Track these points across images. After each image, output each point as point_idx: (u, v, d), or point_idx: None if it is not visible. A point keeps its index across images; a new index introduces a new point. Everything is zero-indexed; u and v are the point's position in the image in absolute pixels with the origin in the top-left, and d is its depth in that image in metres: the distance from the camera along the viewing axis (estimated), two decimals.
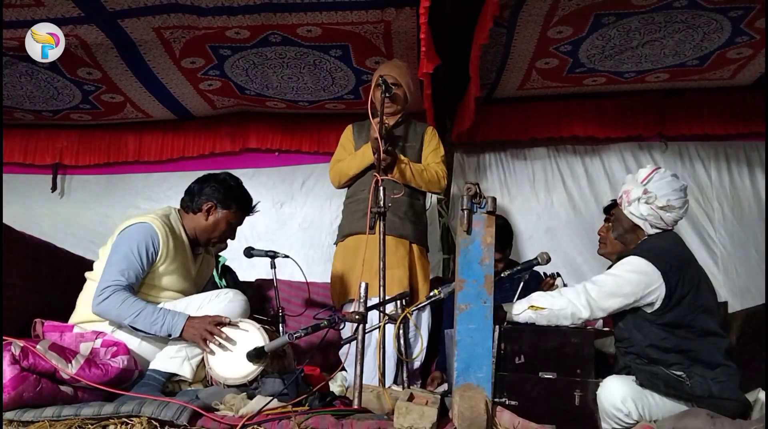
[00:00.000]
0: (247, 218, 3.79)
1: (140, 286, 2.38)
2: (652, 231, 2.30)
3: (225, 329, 2.28)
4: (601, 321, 2.75)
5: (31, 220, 4.41)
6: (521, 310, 2.23)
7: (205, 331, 2.24)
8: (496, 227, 2.12)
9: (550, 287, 3.03)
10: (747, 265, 3.97)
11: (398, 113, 3.15)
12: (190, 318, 2.28)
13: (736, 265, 3.98)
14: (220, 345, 2.25)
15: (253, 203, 2.67)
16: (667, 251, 2.22)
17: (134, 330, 2.29)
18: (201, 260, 2.66)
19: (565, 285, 3.04)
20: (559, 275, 3.13)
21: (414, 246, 3.03)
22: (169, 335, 2.26)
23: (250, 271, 3.85)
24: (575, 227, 4.14)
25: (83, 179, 4.64)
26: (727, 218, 4.07)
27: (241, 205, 2.60)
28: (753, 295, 3.78)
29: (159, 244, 2.39)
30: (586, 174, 4.23)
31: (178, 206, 2.62)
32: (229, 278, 3.47)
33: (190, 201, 2.56)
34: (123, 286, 2.28)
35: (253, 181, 4.41)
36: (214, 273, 3.34)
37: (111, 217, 4.38)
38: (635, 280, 2.15)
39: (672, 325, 2.14)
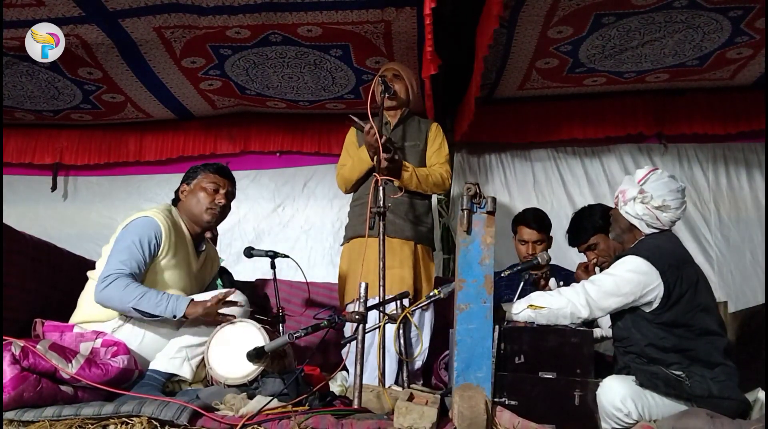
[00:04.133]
0: (248, 219, 3.79)
1: (142, 280, 2.38)
2: (648, 231, 2.31)
3: (225, 328, 2.28)
4: None
5: (35, 222, 4.42)
6: (520, 309, 2.24)
7: (205, 312, 2.26)
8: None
9: (543, 288, 3.02)
10: (742, 267, 3.98)
11: (400, 108, 3.14)
12: (192, 300, 2.29)
13: (731, 268, 3.99)
14: (220, 342, 2.26)
15: (220, 164, 2.67)
16: (665, 250, 2.22)
17: (138, 312, 2.26)
18: (204, 259, 2.67)
19: (558, 285, 3.03)
20: (553, 275, 3.12)
21: (419, 246, 3.03)
22: (174, 316, 2.26)
23: (251, 271, 3.86)
24: None
25: (86, 181, 4.65)
26: (723, 221, 4.07)
27: (204, 167, 2.62)
28: (747, 297, 3.79)
29: (161, 236, 2.40)
30: (586, 175, 4.24)
31: None
32: (226, 279, 3.47)
33: (175, 195, 2.63)
34: (125, 274, 2.29)
35: (255, 182, 4.44)
36: None
37: (115, 220, 4.39)
38: (634, 280, 2.15)
39: (671, 324, 2.14)
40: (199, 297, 2.40)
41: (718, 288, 3.85)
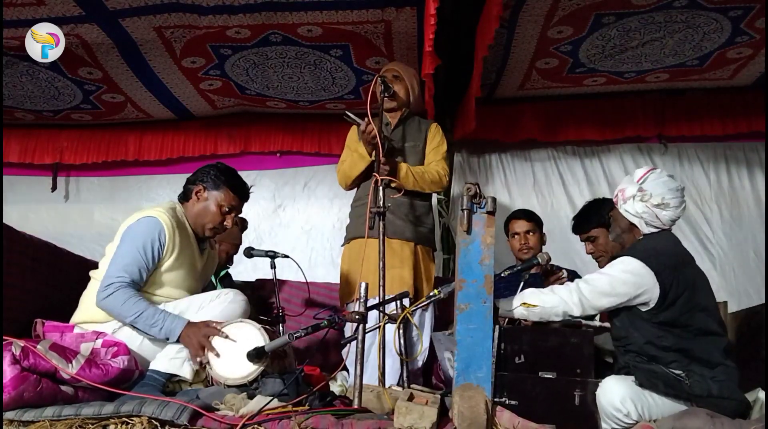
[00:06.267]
0: (249, 220, 3.78)
1: (146, 282, 2.38)
2: (647, 230, 2.30)
3: (225, 328, 2.28)
4: None
5: (36, 222, 4.43)
6: (513, 306, 2.24)
7: (198, 344, 2.23)
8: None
9: (559, 281, 2.99)
10: (745, 266, 3.98)
11: (400, 109, 3.14)
12: (188, 324, 2.27)
13: (734, 267, 3.99)
14: (221, 342, 2.25)
15: (246, 187, 2.60)
16: (660, 252, 2.22)
17: (135, 329, 2.29)
18: (207, 256, 2.66)
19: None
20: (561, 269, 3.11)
21: (419, 247, 3.03)
22: (167, 339, 2.26)
23: (251, 271, 3.86)
24: None
25: (86, 181, 4.66)
26: (725, 220, 4.08)
27: (229, 184, 2.54)
28: (751, 296, 3.79)
29: (165, 238, 2.38)
30: (585, 176, 4.24)
31: None
32: (227, 283, 3.47)
33: (184, 190, 2.58)
34: (126, 283, 2.28)
35: (255, 183, 4.42)
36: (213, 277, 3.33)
37: (116, 220, 4.38)
38: (629, 281, 2.15)
39: (668, 324, 2.14)
40: (195, 301, 2.40)
41: (721, 287, 3.85)
